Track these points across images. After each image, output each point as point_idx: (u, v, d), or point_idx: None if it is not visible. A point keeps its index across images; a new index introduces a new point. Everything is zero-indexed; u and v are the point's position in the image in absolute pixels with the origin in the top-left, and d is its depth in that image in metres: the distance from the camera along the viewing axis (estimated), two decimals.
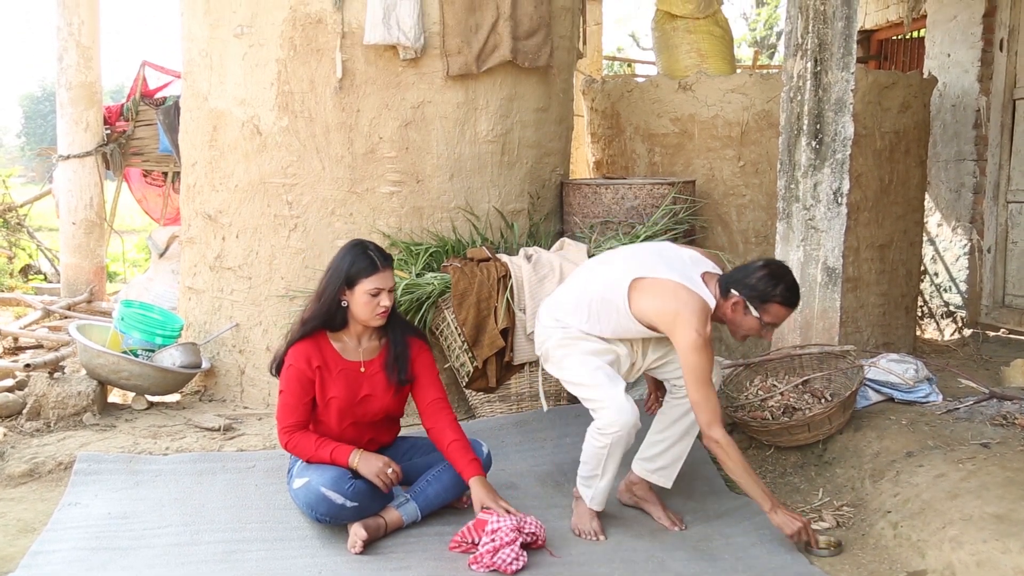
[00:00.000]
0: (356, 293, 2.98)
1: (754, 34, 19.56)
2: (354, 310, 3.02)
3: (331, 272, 3.04)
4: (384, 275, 3.00)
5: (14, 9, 67.60)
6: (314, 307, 3.05)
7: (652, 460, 3.25)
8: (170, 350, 4.30)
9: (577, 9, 4.91)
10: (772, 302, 2.94)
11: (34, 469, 3.53)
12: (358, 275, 2.97)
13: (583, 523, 3.16)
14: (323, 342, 3.07)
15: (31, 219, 9.24)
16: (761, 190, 4.80)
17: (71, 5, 6.58)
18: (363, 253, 3.01)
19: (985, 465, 3.07)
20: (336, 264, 3.03)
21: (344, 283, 2.99)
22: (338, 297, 3.01)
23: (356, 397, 3.07)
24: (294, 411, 3.03)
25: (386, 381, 3.11)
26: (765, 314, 2.95)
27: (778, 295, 2.93)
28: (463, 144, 4.33)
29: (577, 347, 3.10)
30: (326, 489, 2.92)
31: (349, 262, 3.00)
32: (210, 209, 4.47)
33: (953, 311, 6.50)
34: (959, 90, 6.45)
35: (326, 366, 3.05)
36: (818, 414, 3.55)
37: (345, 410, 3.06)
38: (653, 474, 3.25)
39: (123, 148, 7.14)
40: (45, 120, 31.75)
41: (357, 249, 3.03)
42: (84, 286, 6.79)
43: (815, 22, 3.77)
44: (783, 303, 2.95)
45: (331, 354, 3.07)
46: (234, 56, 4.30)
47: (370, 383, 3.10)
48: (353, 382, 3.07)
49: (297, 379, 3.01)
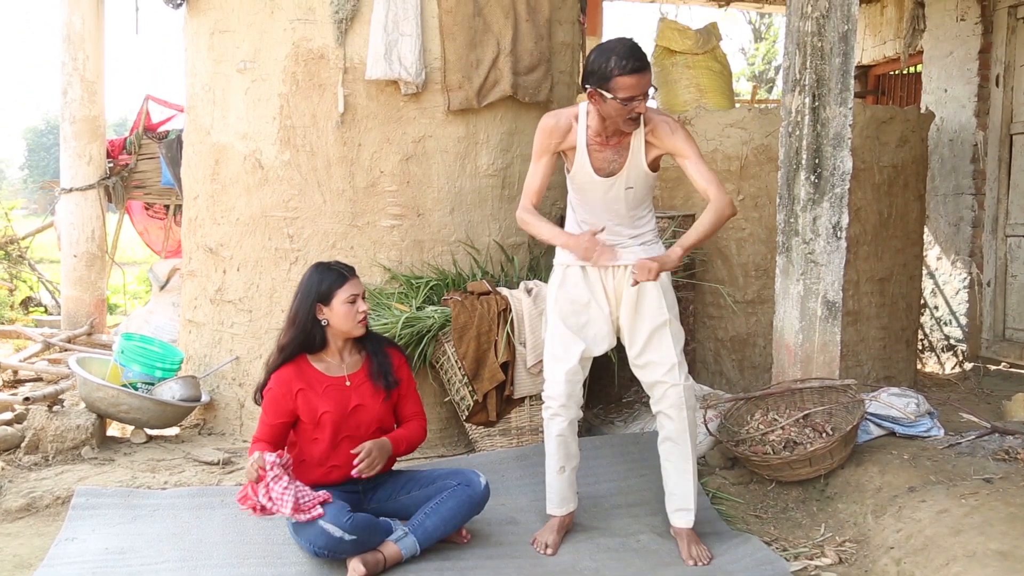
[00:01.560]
0: (335, 306, 3.08)
1: (752, 68, 19.73)
2: (336, 323, 3.10)
3: (301, 295, 3.11)
4: (355, 282, 3.13)
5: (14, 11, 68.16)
6: (291, 331, 3.11)
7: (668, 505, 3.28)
8: (170, 383, 4.29)
9: (577, 45, 4.96)
10: (613, 77, 2.89)
11: (31, 503, 3.51)
12: (331, 288, 3.07)
13: (542, 532, 3.25)
14: (304, 365, 3.13)
15: (33, 251, 9.27)
16: (760, 224, 4.82)
17: (76, 40, 6.64)
18: (328, 269, 3.13)
19: (988, 501, 3.05)
20: (305, 286, 3.11)
21: (318, 300, 3.07)
22: (314, 316, 3.08)
23: (347, 409, 3.11)
24: (264, 430, 3.08)
25: (373, 389, 3.16)
26: (617, 91, 2.89)
27: (614, 67, 2.88)
28: (464, 178, 4.35)
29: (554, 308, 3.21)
30: (324, 522, 2.91)
31: (317, 281, 3.09)
32: (211, 242, 4.48)
33: (954, 344, 6.50)
34: (956, 125, 6.49)
35: (310, 387, 3.09)
36: (819, 448, 3.53)
37: (339, 423, 3.09)
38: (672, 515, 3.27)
39: (125, 181, 7.17)
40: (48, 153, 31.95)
41: (320, 267, 3.15)
42: (85, 319, 6.79)
43: (813, 58, 3.81)
44: (623, 72, 2.88)
45: (314, 375, 3.12)
46: (237, 91, 4.34)
47: (358, 394, 3.14)
48: (341, 396, 3.12)
49: (273, 402, 3.07)
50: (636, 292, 3.14)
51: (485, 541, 3.25)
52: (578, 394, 3.20)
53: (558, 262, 3.28)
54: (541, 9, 4.46)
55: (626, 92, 2.90)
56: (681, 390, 3.12)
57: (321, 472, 3.12)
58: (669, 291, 3.22)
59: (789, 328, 3.92)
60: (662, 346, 3.14)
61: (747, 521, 3.50)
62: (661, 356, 3.14)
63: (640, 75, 2.91)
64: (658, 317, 3.14)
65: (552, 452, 3.24)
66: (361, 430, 3.13)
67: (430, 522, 3.11)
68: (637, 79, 2.90)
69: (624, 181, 3.12)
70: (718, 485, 3.74)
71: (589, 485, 3.63)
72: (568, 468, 3.26)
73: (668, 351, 3.14)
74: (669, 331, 3.15)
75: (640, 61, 2.93)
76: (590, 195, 3.17)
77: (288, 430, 3.11)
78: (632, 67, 2.89)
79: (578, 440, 3.28)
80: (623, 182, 3.12)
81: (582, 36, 5.13)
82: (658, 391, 3.16)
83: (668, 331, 3.15)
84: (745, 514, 3.55)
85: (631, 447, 3.90)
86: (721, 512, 3.51)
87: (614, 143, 3.09)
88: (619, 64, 2.89)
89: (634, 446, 3.90)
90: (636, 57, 2.91)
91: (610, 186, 3.12)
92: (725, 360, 4.89)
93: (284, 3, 4.19)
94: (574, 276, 3.21)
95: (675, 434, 3.17)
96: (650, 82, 2.96)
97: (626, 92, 2.90)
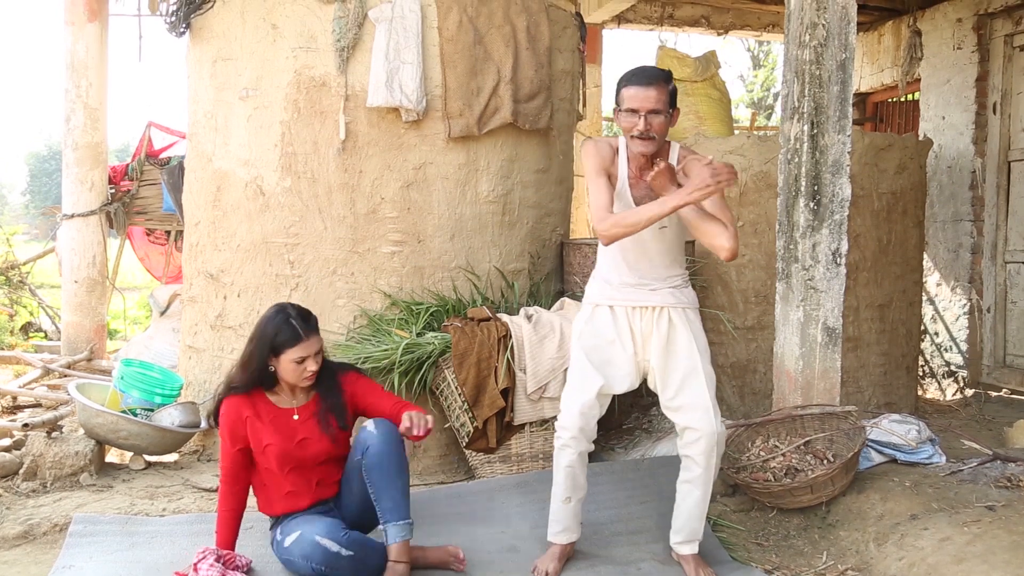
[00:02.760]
0: (282, 361, 3.06)
1: (751, 95, 19.86)
2: (282, 375, 3.10)
3: (256, 341, 3.10)
4: (308, 343, 3.07)
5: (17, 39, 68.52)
6: (242, 375, 3.12)
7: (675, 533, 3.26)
8: (169, 409, 4.28)
9: (577, 72, 4.99)
10: (619, 91, 3.07)
11: (29, 531, 3.48)
12: (283, 345, 3.05)
13: (543, 560, 3.24)
14: (256, 394, 3.14)
15: (33, 277, 9.27)
16: (760, 250, 4.83)
17: (80, 68, 6.69)
18: (286, 322, 3.07)
19: (991, 528, 3.04)
20: (261, 333, 3.09)
21: (270, 352, 3.06)
22: (265, 364, 3.08)
23: (292, 442, 3.10)
24: (224, 460, 3.09)
25: (319, 426, 3.14)
26: (622, 103, 3.05)
27: (622, 81, 3.08)
28: (464, 205, 4.37)
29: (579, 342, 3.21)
30: (320, 537, 2.90)
31: (272, 332, 3.06)
32: (212, 268, 4.49)
33: (954, 371, 6.49)
34: (954, 152, 6.52)
35: (257, 416, 3.09)
36: (821, 476, 3.52)
37: (284, 456, 3.08)
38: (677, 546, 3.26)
39: (127, 207, 7.20)
40: (50, 178, 32.08)
41: (280, 317, 3.09)
42: (85, 344, 6.78)
43: (811, 86, 3.84)
44: (626, 84, 3.05)
45: (263, 403, 3.13)
46: (239, 118, 4.37)
47: (304, 428, 3.13)
48: (287, 428, 3.11)
49: (228, 429, 3.08)
50: (666, 334, 3.13)
51: (486, 569, 3.23)
52: (591, 428, 3.16)
53: (587, 301, 3.26)
54: (541, 37, 4.50)
55: (628, 103, 3.02)
56: (715, 439, 3.07)
57: (285, 502, 3.13)
58: (700, 334, 3.19)
59: (789, 354, 3.92)
60: (695, 390, 3.10)
61: (748, 549, 3.48)
62: (694, 400, 3.10)
63: (640, 87, 3.00)
64: (691, 359, 3.12)
65: (560, 482, 3.21)
66: (309, 463, 3.12)
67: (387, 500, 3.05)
68: (636, 91, 3.01)
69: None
70: (719, 512, 3.72)
71: (590, 512, 3.60)
72: (574, 499, 3.23)
73: (702, 394, 3.09)
74: (703, 373, 3.11)
75: (643, 77, 3.03)
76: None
77: (248, 456, 3.10)
78: (633, 80, 3.04)
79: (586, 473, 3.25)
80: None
81: (582, 64, 5.17)
82: (690, 436, 3.11)
83: (702, 373, 3.11)
84: (746, 542, 3.53)
85: (631, 474, 3.88)
86: (722, 540, 3.49)
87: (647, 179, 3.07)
88: (625, 78, 3.07)
89: (634, 473, 3.89)
90: (641, 73, 3.06)
91: None
92: (725, 386, 4.88)
93: (286, 31, 4.23)
94: (602, 315, 3.20)
95: (699, 479, 3.13)
96: (657, 100, 2.99)
97: (628, 103, 3.02)
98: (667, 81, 3.05)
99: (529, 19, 4.45)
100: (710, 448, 3.07)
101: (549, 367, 4.00)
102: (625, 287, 3.17)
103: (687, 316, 3.16)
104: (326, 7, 4.18)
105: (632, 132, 3.03)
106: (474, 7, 4.29)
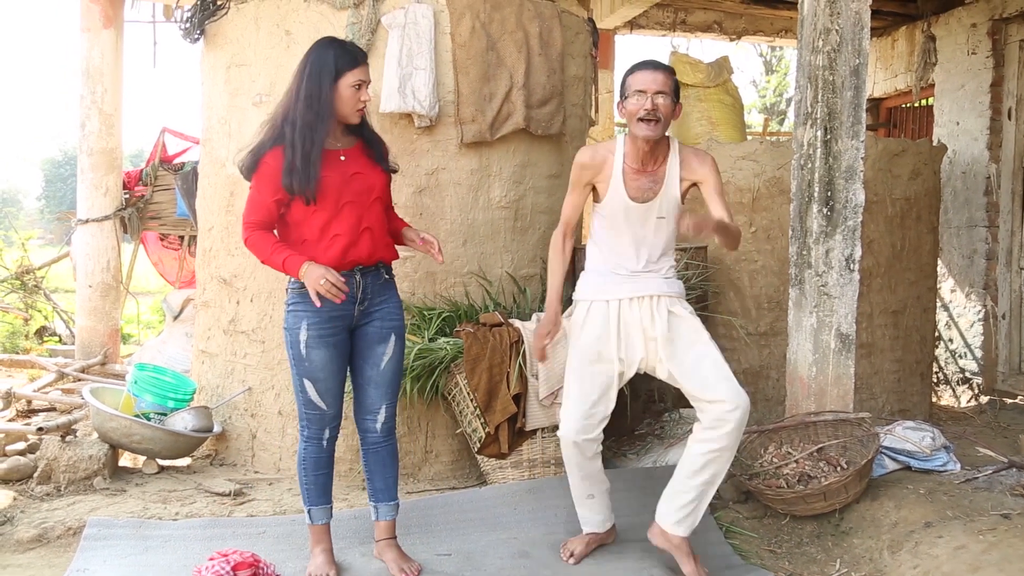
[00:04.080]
0: (340, 88, 3.00)
1: (764, 101, 19.81)
2: (337, 105, 3.03)
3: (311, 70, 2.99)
4: (364, 68, 3.05)
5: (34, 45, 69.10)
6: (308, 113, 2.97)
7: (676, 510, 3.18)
8: (182, 414, 4.30)
9: (589, 78, 5.00)
10: (627, 79, 3.16)
11: (43, 534, 3.50)
12: (343, 68, 2.99)
13: (571, 541, 3.38)
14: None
15: (48, 281, 9.33)
16: (773, 256, 4.82)
17: (95, 74, 6.74)
18: (342, 47, 3.03)
19: (1006, 537, 3.02)
20: (319, 61, 2.99)
21: (333, 77, 2.99)
22: (332, 95, 2.99)
23: (346, 174, 3.06)
24: (259, 209, 3.02)
25: (370, 162, 3.14)
26: (629, 89, 3.13)
27: (628, 73, 3.17)
28: (476, 210, 4.38)
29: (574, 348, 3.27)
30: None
31: (333, 57, 2.99)
32: (225, 273, 4.51)
33: (969, 378, 6.45)
34: (969, 158, 6.49)
35: None
36: (834, 483, 3.50)
37: (340, 188, 3.03)
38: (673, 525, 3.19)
39: (141, 212, 7.25)
40: (65, 183, 32.27)
41: (334, 44, 3.04)
42: (99, 348, 6.82)
43: (824, 92, 3.83)
44: (634, 71, 3.15)
45: None
46: (252, 124, 4.38)
47: (355, 164, 3.11)
48: (338, 164, 3.06)
49: (270, 177, 2.99)
50: (667, 323, 3.16)
51: (497, 575, 3.23)
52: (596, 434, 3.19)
53: (582, 297, 3.31)
54: (554, 43, 4.51)
55: (636, 86, 3.10)
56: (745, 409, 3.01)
57: (323, 245, 3.04)
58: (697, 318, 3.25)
59: (802, 361, 3.91)
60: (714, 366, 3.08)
61: (761, 556, 3.46)
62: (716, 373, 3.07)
63: (648, 71, 3.13)
64: (699, 338, 3.16)
65: (576, 484, 3.32)
66: (362, 196, 3.09)
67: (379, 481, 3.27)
68: (644, 74, 3.11)
69: (657, 209, 3.19)
70: (732, 519, 3.71)
71: None
72: (597, 494, 3.34)
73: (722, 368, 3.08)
74: (715, 349, 3.13)
75: (651, 64, 3.16)
76: (620, 224, 3.22)
77: (279, 211, 3.04)
78: (641, 66, 3.14)
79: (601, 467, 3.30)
80: (656, 210, 3.19)
81: (594, 69, 5.17)
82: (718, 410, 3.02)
83: (714, 350, 3.13)
84: (759, 549, 3.52)
85: (644, 480, 3.87)
86: (735, 547, 3.48)
87: (650, 170, 3.19)
88: (632, 68, 3.17)
89: (647, 480, 3.88)
90: (648, 61, 3.17)
91: (643, 212, 3.19)
92: None
93: (300, 37, 4.25)
94: (598, 311, 3.24)
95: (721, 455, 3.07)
96: (664, 83, 3.10)
97: (636, 86, 3.10)
98: (672, 73, 3.17)
99: (541, 25, 4.45)
100: (743, 419, 3.02)
101: (561, 372, 3.99)
102: (620, 279, 3.22)
103: (681, 304, 3.24)
104: (339, 13, 4.20)
105: (639, 113, 3.08)
106: (487, 13, 4.30)
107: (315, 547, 3.20)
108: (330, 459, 3.20)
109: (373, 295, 3.16)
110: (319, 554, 3.18)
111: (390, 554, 3.23)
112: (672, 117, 3.16)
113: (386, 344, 3.18)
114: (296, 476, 4.15)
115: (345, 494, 3.94)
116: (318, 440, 3.15)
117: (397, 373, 3.24)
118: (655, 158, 3.19)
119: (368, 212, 3.12)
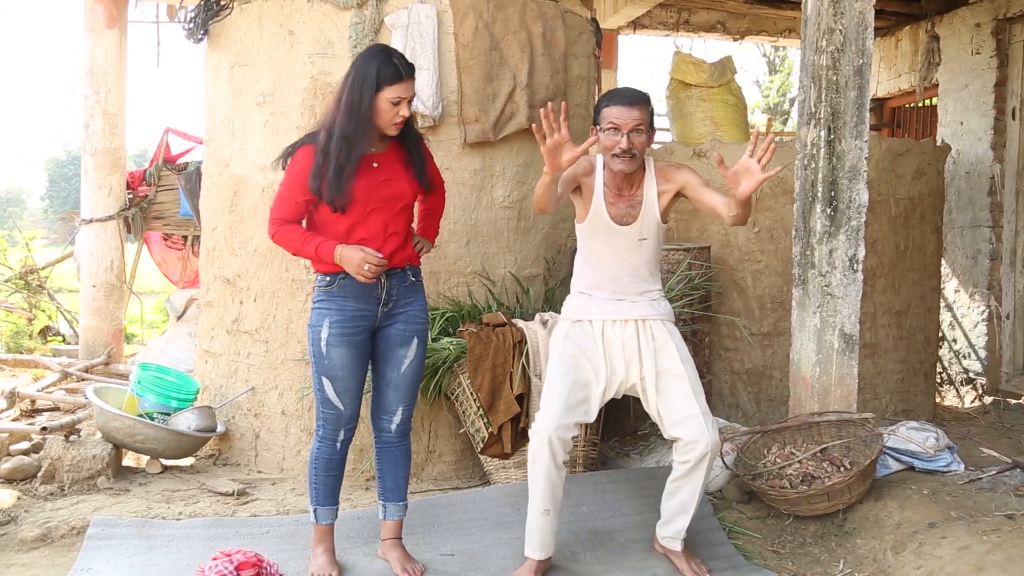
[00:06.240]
0: (379, 101, 2.96)
1: (767, 101, 19.79)
2: (373, 117, 3.00)
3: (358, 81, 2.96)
4: (407, 84, 2.99)
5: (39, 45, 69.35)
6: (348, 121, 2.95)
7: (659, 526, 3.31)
8: (186, 413, 4.30)
9: (593, 78, 4.99)
10: (600, 110, 3.10)
11: (47, 534, 3.51)
12: (384, 82, 2.94)
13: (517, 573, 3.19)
14: None
15: (52, 281, 9.35)
16: (776, 256, 4.81)
17: (99, 74, 6.76)
18: (388, 60, 2.97)
19: (1010, 537, 3.01)
20: (363, 69, 2.96)
21: (375, 88, 2.94)
22: (372, 104, 2.95)
23: (376, 181, 3.04)
24: (287, 206, 3.03)
25: (403, 169, 3.12)
26: (603, 122, 3.08)
27: (603, 102, 3.10)
28: (480, 210, 4.38)
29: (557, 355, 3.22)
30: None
31: (376, 68, 2.95)
32: (229, 273, 4.51)
33: (973, 378, 6.44)
34: (973, 157, 6.48)
35: None
36: (837, 483, 3.50)
37: (369, 193, 3.01)
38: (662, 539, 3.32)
39: (145, 212, 7.26)
40: (69, 183, 32.31)
41: (383, 55, 2.99)
42: (102, 348, 6.83)
43: (828, 92, 3.82)
44: (608, 104, 3.09)
45: None
46: (256, 123, 4.39)
47: (387, 170, 3.08)
48: (369, 171, 3.03)
49: (300, 175, 2.99)
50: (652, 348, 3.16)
51: (501, 575, 3.23)
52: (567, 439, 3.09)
53: (566, 316, 3.29)
54: (557, 43, 4.51)
55: (610, 122, 3.06)
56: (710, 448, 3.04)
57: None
58: (683, 345, 3.23)
59: (806, 361, 3.90)
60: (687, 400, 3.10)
61: (765, 556, 3.46)
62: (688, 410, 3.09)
63: (622, 107, 3.06)
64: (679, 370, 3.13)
65: (537, 491, 3.12)
66: (391, 202, 3.07)
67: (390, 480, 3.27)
68: (619, 110, 3.06)
69: (638, 232, 3.18)
70: (735, 519, 3.71)
71: (604, 519, 3.60)
72: (552, 511, 3.14)
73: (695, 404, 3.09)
74: (694, 382, 3.13)
75: (625, 97, 3.08)
76: (602, 247, 3.21)
77: (307, 211, 3.05)
78: (615, 99, 3.09)
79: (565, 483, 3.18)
80: (637, 233, 3.18)
81: (597, 70, 5.17)
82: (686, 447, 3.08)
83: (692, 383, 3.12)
84: (763, 549, 3.52)
85: (647, 481, 3.87)
86: (738, 547, 3.48)
87: (627, 195, 3.18)
88: (606, 98, 3.12)
89: (650, 480, 3.87)
90: (623, 93, 3.12)
91: (624, 235, 3.17)
92: (741, 393, 4.86)
93: (303, 37, 4.25)
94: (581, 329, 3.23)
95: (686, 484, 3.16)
96: (640, 118, 3.06)
97: (610, 122, 3.06)
98: (647, 102, 3.12)
99: (545, 25, 4.45)
100: (705, 455, 3.05)
101: None
102: (604, 301, 3.22)
103: (667, 328, 3.21)
104: (343, 13, 4.20)
105: (614, 150, 3.07)
106: (490, 13, 4.30)
107: (317, 547, 3.20)
108: (342, 462, 3.19)
109: (399, 297, 3.16)
110: (321, 554, 3.18)
111: (394, 554, 3.24)
112: (648, 145, 3.15)
113: (408, 347, 3.18)
114: (299, 476, 4.18)
115: (348, 494, 3.94)
116: (332, 441, 3.14)
117: (417, 376, 3.24)
118: (632, 183, 3.19)
119: (395, 219, 3.11)
